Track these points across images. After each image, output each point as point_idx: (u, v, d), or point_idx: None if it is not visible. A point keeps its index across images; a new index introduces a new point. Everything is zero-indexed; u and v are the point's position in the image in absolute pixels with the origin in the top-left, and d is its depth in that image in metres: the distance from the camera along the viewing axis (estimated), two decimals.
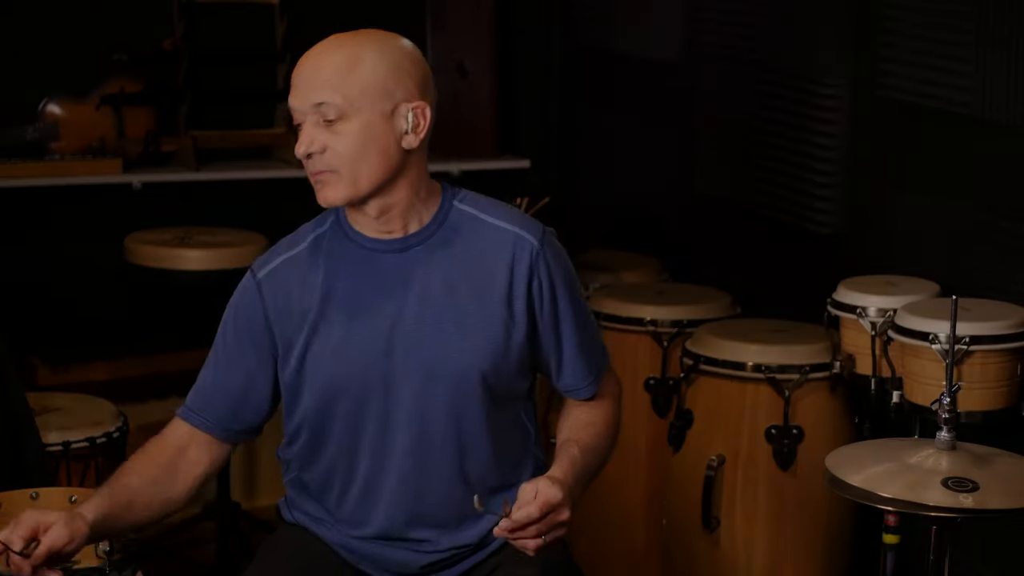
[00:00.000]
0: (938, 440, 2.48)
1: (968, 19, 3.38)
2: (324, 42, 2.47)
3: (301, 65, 2.45)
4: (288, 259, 2.54)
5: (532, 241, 2.50)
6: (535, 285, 2.50)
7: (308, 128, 2.42)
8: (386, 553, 2.57)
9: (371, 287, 2.48)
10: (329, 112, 2.40)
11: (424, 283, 2.47)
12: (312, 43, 2.52)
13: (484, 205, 2.54)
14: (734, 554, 3.57)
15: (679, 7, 4.50)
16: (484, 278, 2.48)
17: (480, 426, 2.51)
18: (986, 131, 3.37)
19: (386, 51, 2.46)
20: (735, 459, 3.56)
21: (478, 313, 2.48)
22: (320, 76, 2.41)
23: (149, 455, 2.54)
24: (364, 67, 2.42)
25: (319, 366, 2.49)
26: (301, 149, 2.42)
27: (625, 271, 4.27)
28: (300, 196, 4.87)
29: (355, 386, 2.48)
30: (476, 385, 2.48)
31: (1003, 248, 3.37)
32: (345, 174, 2.42)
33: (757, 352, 3.55)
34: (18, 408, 2.96)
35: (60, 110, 4.58)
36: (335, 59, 2.42)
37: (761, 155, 4.15)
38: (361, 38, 2.48)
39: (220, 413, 2.57)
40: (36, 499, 2.54)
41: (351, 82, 2.41)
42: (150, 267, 4.22)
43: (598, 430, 2.58)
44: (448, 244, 2.49)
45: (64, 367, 4.56)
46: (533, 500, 2.31)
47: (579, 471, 2.45)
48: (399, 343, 2.47)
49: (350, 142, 2.41)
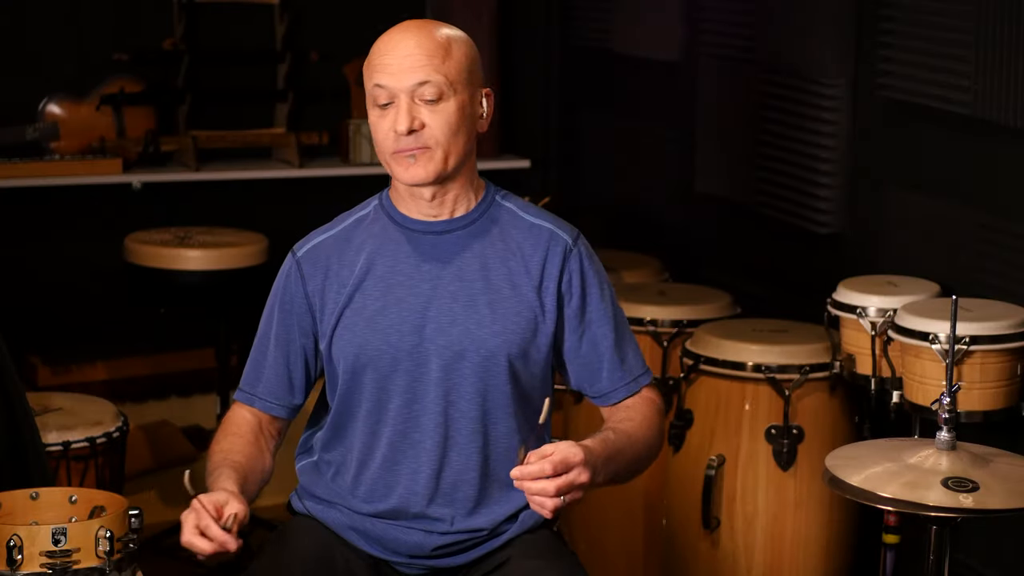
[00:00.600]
0: (938, 440, 2.48)
1: (968, 19, 3.38)
2: (405, 26, 2.53)
3: (392, 46, 2.50)
4: (329, 237, 2.63)
5: (566, 239, 2.59)
6: (565, 280, 2.58)
7: (406, 105, 2.47)
8: (399, 534, 2.58)
9: (410, 264, 2.57)
10: (429, 91, 2.47)
11: (461, 264, 2.56)
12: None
13: (524, 205, 2.64)
14: (734, 554, 3.58)
15: (679, 7, 4.50)
16: (519, 267, 2.56)
17: (504, 408, 2.56)
18: (986, 131, 3.37)
19: (465, 38, 2.57)
20: (735, 459, 3.56)
21: (511, 298, 2.55)
22: (420, 56, 2.47)
23: (236, 436, 2.63)
24: (457, 51, 2.52)
25: (352, 335, 2.56)
26: (403, 125, 2.46)
27: (625, 271, 4.27)
28: (300, 196, 4.92)
29: (385, 358, 2.55)
30: (503, 367, 2.54)
31: (1003, 248, 3.37)
32: (438, 152, 2.49)
33: (757, 352, 3.55)
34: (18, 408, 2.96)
35: (60, 110, 4.58)
36: (431, 41, 2.50)
37: (761, 155, 4.15)
38: (438, 24, 2.56)
39: (278, 392, 2.65)
40: (36, 499, 2.53)
41: (450, 64, 2.49)
42: (150, 267, 4.22)
43: (636, 423, 2.59)
44: (487, 233, 2.58)
45: (64, 367, 4.56)
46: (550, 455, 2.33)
47: (609, 448, 2.47)
48: (432, 318, 2.54)
49: (449, 121, 2.49)
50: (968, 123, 3.42)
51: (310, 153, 4.82)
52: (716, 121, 4.38)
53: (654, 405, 2.65)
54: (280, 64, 4.86)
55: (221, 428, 2.66)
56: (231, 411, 2.70)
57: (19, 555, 2.34)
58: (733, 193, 4.31)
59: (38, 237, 4.66)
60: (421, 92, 2.47)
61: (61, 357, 4.58)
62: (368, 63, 2.54)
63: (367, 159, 4.74)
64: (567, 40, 5.17)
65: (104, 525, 2.39)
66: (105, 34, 4.68)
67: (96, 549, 2.39)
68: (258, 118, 4.88)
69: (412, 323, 2.54)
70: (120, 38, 4.69)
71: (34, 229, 4.65)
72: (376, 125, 2.52)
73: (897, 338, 3.18)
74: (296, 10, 4.86)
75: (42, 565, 2.35)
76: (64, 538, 2.36)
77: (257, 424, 2.66)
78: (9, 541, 2.34)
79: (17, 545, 2.34)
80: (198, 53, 4.77)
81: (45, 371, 4.53)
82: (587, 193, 5.02)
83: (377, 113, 2.52)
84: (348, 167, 4.77)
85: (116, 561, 2.39)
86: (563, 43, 5.19)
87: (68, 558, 2.37)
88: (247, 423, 2.65)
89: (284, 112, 4.86)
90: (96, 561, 2.39)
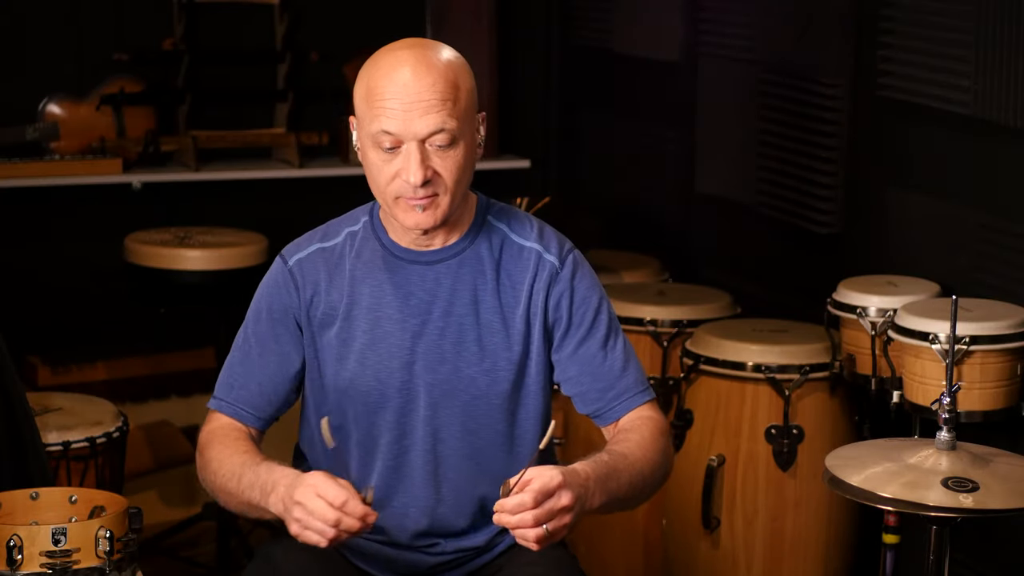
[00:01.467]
0: (938, 440, 2.48)
1: (968, 19, 3.38)
2: (407, 58, 2.36)
3: (400, 87, 2.34)
4: (320, 250, 2.53)
5: (552, 260, 2.50)
6: (552, 305, 2.50)
7: (418, 153, 2.34)
8: (393, 555, 2.56)
9: (398, 298, 2.48)
10: (442, 139, 2.35)
11: (450, 298, 2.47)
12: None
13: (512, 221, 2.54)
14: (734, 554, 3.58)
15: (679, 7, 4.50)
16: (509, 298, 2.49)
17: (497, 445, 2.51)
18: (986, 131, 3.37)
19: (465, 65, 2.42)
20: (735, 459, 3.56)
21: (501, 332, 2.48)
22: (433, 101, 2.34)
23: (237, 445, 2.48)
24: (463, 85, 2.38)
25: (339, 369, 2.49)
26: (418, 178, 2.34)
27: (625, 271, 4.27)
28: (300, 196, 4.92)
29: (374, 394, 2.48)
30: (493, 404, 2.49)
31: (1003, 248, 3.37)
32: (446, 198, 2.39)
33: (757, 352, 3.55)
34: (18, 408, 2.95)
35: (60, 110, 4.58)
36: (442, 81, 2.35)
37: (761, 155, 4.15)
38: (437, 50, 2.40)
39: (256, 402, 2.53)
40: (36, 499, 2.53)
41: (459, 104, 2.37)
42: (150, 267, 4.22)
43: (633, 443, 2.46)
44: (477, 260, 2.49)
45: (64, 367, 4.56)
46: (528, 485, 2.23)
47: (601, 468, 2.35)
48: (420, 355, 2.47)
49: (459, 164, 2.38)
50: (968, 123, 3.42)
51: (310, 153, 4.82)
52: (716, 121, 4.38)
53: (655, 424, 2.52)
54: (280, 64, 4.86)
55: (215, 440, 2.50)
56: (213, 423, 2.54)
57: (19, 555, 2.34)
58: (733, 193, 4.31)
59: (38, 237, 4.66)
60: (433, 139, 2.35)
61: (61, 357, 4.58)
62: (369, 99, 2.38)
63: None
64: (567, 40, 5.17)
65: (104, 525, 2.39)
66: (105, 34, 4.67)
67: (96, 549, 2.39)
68: (258, 118, 4.88)
69: (401, 359, 2.47)
70: (120, 38, 4.68)
71: (34, 229, 4.64)
72: (377, 167, 2.39)
73: (897, 338, 3.18)
74: (296, 10, 4.86)
75: (42, 565, 2.36)
76: (64, 538, 2.36)
77: (240, 431, 2.52)
78: (9, 541, 2.34)
79: (17, 545, 2.34)
80: (198, 53, 4.77)
81: (45, 371, 4.53)
82: (587, 193, 5.02)
83: (379, 155, 2.38)
84: (348, 167, 4.77)
85: (116, 561, 2.40)
86: (563, 43, 5.18)
87: (68, 558, 2.37)
88: (239, 430, 2.52)
89: (284, 112, 4.86)
90: (96, 561, 2.39)
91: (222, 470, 2.45)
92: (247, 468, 2.41)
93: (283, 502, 2.31)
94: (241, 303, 4.27)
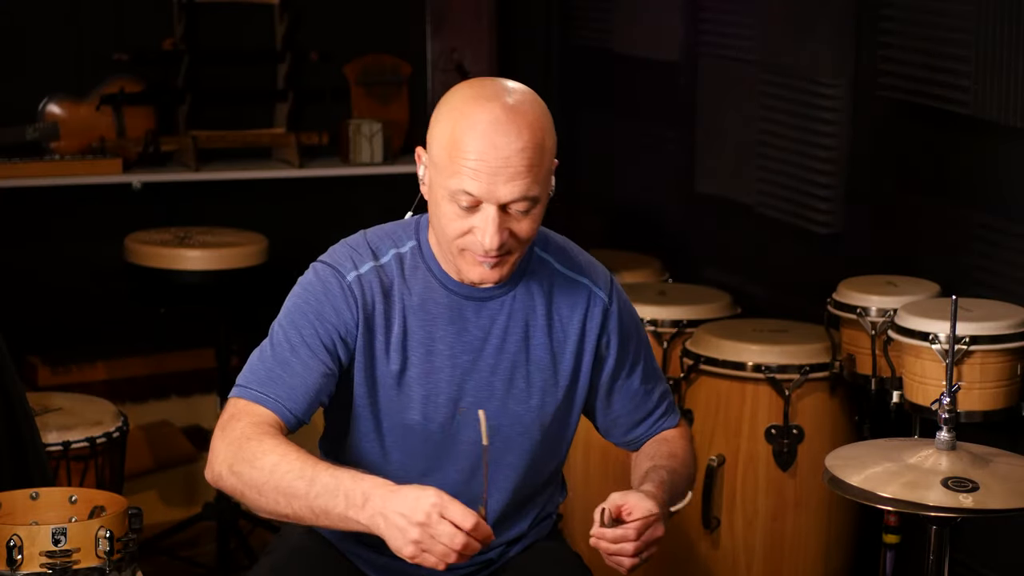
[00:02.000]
0: (938, 440, 2.48)
1: (968, 19, 3.38)
2: (495, 116, 2.25)
3: (487, 147, 2.23)
4: (376, 268, 2.39)
5: (603, 297, 2.48)
6: (604, 341, 2.48)
7: (497, 217, 2.25)
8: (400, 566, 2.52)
9: (451, 332, 2.40)
10: (525, 205, 2.27)
11: (502, 335, 2.41)
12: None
13: (558, 251, 2.49)
14: (734, 554, 3.58)
15: (679, 7, 4.50)
16: (560, 334, 2.45)
17: (524, 464, 2.48)
18: (986, 131, 3.37)
19: (548, 116, 2.33)
20: (735, 459, 3.56)
21: (549, 368, 2.44)
22: (521, 167, 2.24)
23: (289, 444, 2.26)
24: (548, 146, 2.30)
25: (384, 398, 2.40)
26: (494, 244, 2.25)
27: (625, 271, 4.27)
28: (300, 196, 4.92)
29: (416, 428, 2.41)
30: (535, 439, 2.46)
31: (1003, 248, 3.37)
32: (516, 254, 2.33)
33: (757, 352, 3.55)
34: (18, 408, 2.96)
35: (60, 110, 4.58)
36: (529, 147, 2.25)
37: (761, 155, 4.15)
38: (528, 107, 2.29)
39: (299, 405, 2.33)
40: (36, 499, 2.53)
41: (543, 169, 2.28)
42: (150, 267, 4.22)
43: (681, 460, 2.53)
44: (528, 295, 2.43)
45: (64, 367, 4.56)
46: (628, 518, 2.28)
47: (667, 491, 2.40)
48: (469, 391, 2.41)
49: (535, 224, 2.31)
50: (968, 123, 3.42)
51: (310, 153, 4.82)
52: (716, 121, 4.38)
53: (685, 435, 2.60)
54: (280, 64, 4.86)
55: (260, 433, 2.26)
56: (248, 416, 2.31)
57: (19, 555, 2.34)
58: (733, 193, 4.31)
59: (38, 237, 4.66)
60: (514, 205, 2.26)
61: (61, 357, 4.58)
62: (451, 150, 2.25)
63: (367, 159, 4.74)
64: (567, 40, 5.17)
65: (104, 525, 2.39)
66: (105, 34, 4.67)
67: (96, 549, 2.39)
68: (258, 118, 4.88)
69: (448, 394, 2.40)
70: (120, 38, 4.68)
71: (34, 229, 4.65)
72: (449, 218, 2.28)
73: (897, 338, 3.18)
74: (296, 10, 4.86)
75: (42, 565, 2.36)
76: (64, 538, 2.37)
77: (287, 432, 2.33)
78: (9, 541, 2.34)
79: (17, 545, 2.34)
80: (198, 53, 4.77)
81: (45, 371, 4.53)
82: (587, 193, 5.02)
83: (453, 209, 2.27)
84: (348, 167, 4.77)
85: (116, 561, 2.40)
86: (563, 43, 5.18)
87: (68, 558, 2.37)
88: (281, 427, 2.31)
89: (284, 112, 4.86)
90: (96, 561, 2.39)
91: (280, 467, 2.21)
92: (321, 471, 2.19)
93: (383, 516, 2.12)
94: (241, 303, 4.33)
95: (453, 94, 2.32)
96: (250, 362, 2.37)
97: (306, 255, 2.52)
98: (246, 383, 2.34)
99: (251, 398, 2.32)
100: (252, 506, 2.26)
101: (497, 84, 2.32)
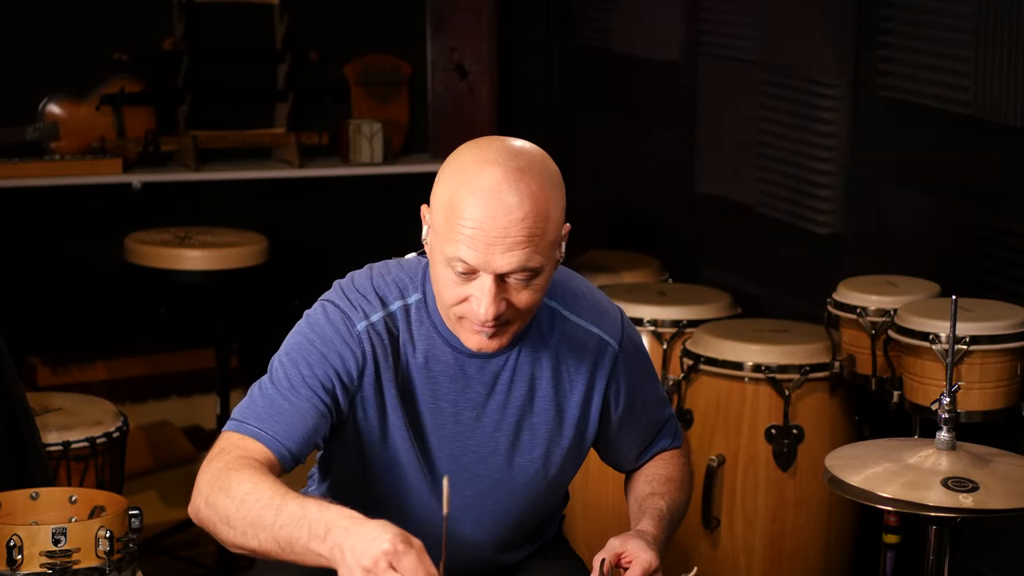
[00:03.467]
0: (938, 440, 2.48)
1: (968, 19, 3.38)
2: (495, 181, 2.13)
3: (481, 218, 2.12)
4: (386, 318, 2.30)
5: (613, 344, 2.39)
6: (613, 389, 2.41)
7: (493, 288, 2.15)
8: None
9: (454, 390, 2.33)
10: (523, 276, 2.16)
11: (506, 391, 2.34)
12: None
13: (564, 296, 2.39)
14: (734, 554, 3.58)
15: (679, 7, 4.50)
16: (565, 383, 2.37)
17: (528, 507, 2.44)
18: (986, 131, 3.37)
19: (558, 180, 2.22)
20: (735, 459, 3.56)
21: (555, 420, 2.37)
22: (517, 238, 2.13)
23: (272, 477, 2.17)
24: (553, 215, 2.18)
25: (384, 451, 2.33)
26: (490, 315, 2.16)
27: (625, 271, 4.27)
28: (300, 196, 4.92)
29: (417, 485, 2.35)
30: (539, 486, 2.41)
31: (1003, 248, 3.37)
32: (516, 324, 2.24)
33: (757, 352, 3.55)
34: (18, 408, 2.96)
35: (60, 110, 4.58)
36: (530, 216, 2.13)
37: (761, 155, 4.15)
38: (532, 172, 2.17)
39: (297, 446, 2.24)
40: (36, 499, 2.53)
41: (546, 239, 2.16)
42: (150, 267, 4.22)
43: (678, 485, 2.51)
44: (533, 347, 2.35)
45: (64, 367, 4.56)
46: (627, 566, 2.27)
47: (666, 527, 2.40)
48: (472, 449, 2.35)
49: (537, 295, 2.21)
50: (968, 123, 3.42)
51: (310, 153, 4.82)
52: (716, 121, 4.38)
53: (688, 454, 2.59)
54: (280, 64, 4.86)
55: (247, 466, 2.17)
56: (238, 449, 2.22)
57: (19, 555, 2.34)
58: (733, 193, 4.31)
59: (38, 237, 4.66)
60: (515, 275, 2.16)
61: (61, 357, 4.58)
62: (448, 213, 2.15)
63: (367, 159, 4.74)
64: (567, 40, 5.17)
65: (104, 525, 2.39)
66: (105, 34, 4.68)
67: (96, 549, 2.39)
68: (258, 118, 4.88)
69: (450, 451, 2.34)
70: (120, 38, 4.68)
71: (34, 229, 4.65)
72: (445, 284, 2.19)
73: (897, 338, 3.19)
74: (296, 10, 4.86)
75: (42, 565, 2.36)
76: (64, 538, 2.37)
77: (280, 470, 2.24)
78: (9, 541, 2.34)
79: (17, 545, 2.34)
80: (198, 53, 4.77)
81: (45, 371, 4.53)
82: (587, 193, 5.02)
83: (450, 275, 2.18)
84: (348, 167, 4.77)
85: (116, 561, 2.40)
86: (563, 43, 5.19)
87: (68, 558, 2.37)
88: (273, 465, 2.21)
89: (284, 112, 4.86)
90: (96, 561, 2.39)
91: (251, 496, 2.11)
92: (290, 500, 2.08)
93: (340, 550, 2.00)
94: (241, 303, 4.33)
95: (458, 154, 2.21)
96: (249, 396, 2.29)
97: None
98: (243, 418, 2.25)
99: (247, 433, 2.23)
100: (223, 540, 2.16)
101: (503, 145, 2.20)
